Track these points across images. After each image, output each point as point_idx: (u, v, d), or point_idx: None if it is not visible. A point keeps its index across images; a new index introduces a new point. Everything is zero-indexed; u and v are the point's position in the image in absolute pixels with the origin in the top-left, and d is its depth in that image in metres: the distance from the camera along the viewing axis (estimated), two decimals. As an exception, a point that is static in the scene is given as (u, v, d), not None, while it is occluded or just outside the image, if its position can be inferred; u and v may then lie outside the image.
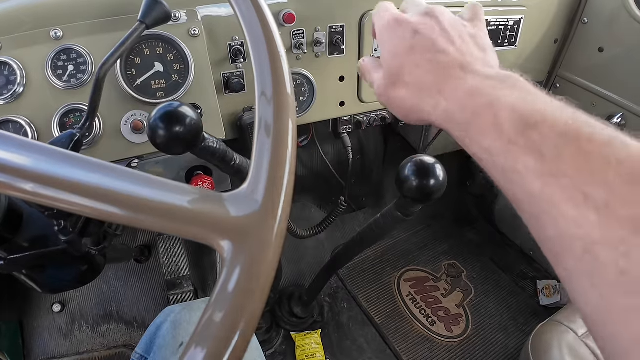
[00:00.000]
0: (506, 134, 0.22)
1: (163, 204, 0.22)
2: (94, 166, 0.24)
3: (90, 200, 0.22)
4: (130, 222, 0.21)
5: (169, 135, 0.40)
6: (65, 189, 0.21)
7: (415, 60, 0.29)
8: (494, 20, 0.86)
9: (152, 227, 0.21)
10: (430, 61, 0.29)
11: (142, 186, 0.22)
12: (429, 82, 0.28)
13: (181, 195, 0.22)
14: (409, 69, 0.30)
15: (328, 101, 0.77)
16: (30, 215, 0.47)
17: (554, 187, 0.20)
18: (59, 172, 0.22)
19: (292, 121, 0.27)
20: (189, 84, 0.59)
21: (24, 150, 0.23)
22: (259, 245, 0.22)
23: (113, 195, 0.21)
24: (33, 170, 0.21)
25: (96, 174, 0.23)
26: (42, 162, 0.21)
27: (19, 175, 0.22)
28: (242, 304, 0.21)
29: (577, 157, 0.20)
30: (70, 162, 0.23)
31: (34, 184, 0.21)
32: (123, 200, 0.22)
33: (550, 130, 0.21)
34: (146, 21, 0.44)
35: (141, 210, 0.21)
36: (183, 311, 0.59)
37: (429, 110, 0.28)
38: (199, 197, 0.22)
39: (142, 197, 0.21)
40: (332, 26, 0.70)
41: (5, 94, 0.53)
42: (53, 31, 0.54)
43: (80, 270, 0.56)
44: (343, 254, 0.85)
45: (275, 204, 0.23)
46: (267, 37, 0.30)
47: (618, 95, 0.94)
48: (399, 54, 0.30)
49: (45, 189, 0.20)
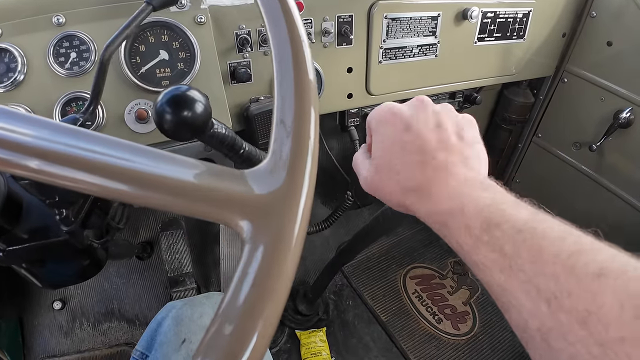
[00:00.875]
0: (474, 232, 0.25)
1: (180, 181, 0.20)
2: (107, 142, 0.22)
3: (102, 178, 0.20)
4: (142, 200, 0.20)
5: (177, 120, 0.38)
6: (77, 167, 0.20)
7: (405, 159, 0.30)
8: (502, 13, 0.85)
9: (168, 206, 0.20)
10: (420, 163, 0.30)
11: (159, 162, 0.20)
12: (415, 182, 0.30)
13: (197, 171, 0.21)
14: (398, 167, 0.31)
15: (336, 93, 0.75)
16: (30, 205, 0.45)
17: (514, 280, 0.22)
18: (74, 149, 0.20)
19: (314, 97, 0.25)
20: (195, 73, 0.58)
21: (29, 125, 0.21)
22: (283, 225, 0.20)
23: (126, 172, 0.20)
24: (50, 148, 0.19)
25: (109, 149, 0.21)
26: (62, 138, 0.19)
27: (24, 151, 0.20)
28: (265, 290, 0.19)
29: (532, 252, 0.22)
30: (82, 137, 0.22)
31: (45, 162, 0.19)
32: (135, 177, 0.20)
33: (510, 228, 0.24)
34: (153, 2, 0.43)
35: (157, 189, 0.19)
36: (184, 307, 0.57)
37: (415, 208, 0.30)
38: (217, 173, 0.21)
39: (156, 174, 0.20)
40: (341, 16, 0.69)
41: (5, 82, 0.52)
42: (55, 17, 0.52)
43: (81, 265, 0.54)
44: (349, 249, 0.84)
45: (299, 181, 0.22)
46: (288, 20, 0.28)
47: (627, 89, 0.93)
48: (390, 149, 0.31)
49: (64, 169, 0.19)
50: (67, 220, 0.41)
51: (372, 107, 0.84)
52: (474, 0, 0.79)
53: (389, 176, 0.31)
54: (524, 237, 0.23)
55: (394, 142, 0.31)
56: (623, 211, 0.98)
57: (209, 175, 0.21)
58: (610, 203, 1.01)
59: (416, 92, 0.85)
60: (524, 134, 1.19)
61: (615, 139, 0.96)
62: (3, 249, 0.43)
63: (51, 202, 0.40)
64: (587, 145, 0.99)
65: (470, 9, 0.78)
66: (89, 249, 0.52)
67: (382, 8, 0.71)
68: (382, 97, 0.81)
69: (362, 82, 0.77)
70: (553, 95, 1.08)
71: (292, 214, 0.21)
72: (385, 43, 0.75)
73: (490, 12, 0.83)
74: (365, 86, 0.77)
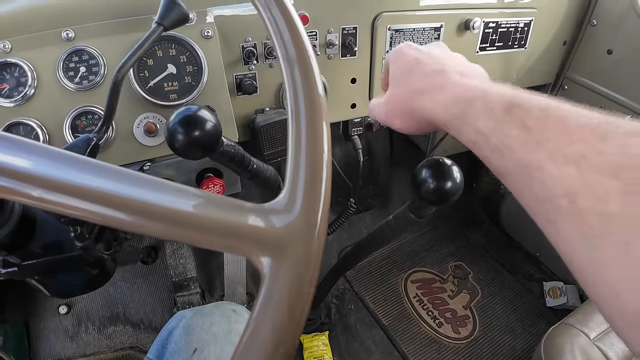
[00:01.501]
0: (495, 114, 0.26)
1: (202, 217, 0.21)
2: (124, 176, 0.23)
3: (126, 214, 0.21)
4: (171, 236, 0.21)
5: (188, 140, 0.39)
6: (101, 203, 0.21)
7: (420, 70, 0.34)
8: (504, 22, 0.86)
9: (194, 241, 0.21)
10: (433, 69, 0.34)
11: (180, 198, 0.21)
12: (429, 83, 0.33)
13: (219, 207, 0.22)
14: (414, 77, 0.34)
15: (340, 103, 0.76)
16: (43, 221, 0.46)
17: (539, 153, 0.22)
18: (91, 183, 0.21)
19: (326, 124, 0.26)
20: (202, 86, 0.58)
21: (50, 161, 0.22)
22: (299, 262, 0.21)
23: (151, 208, 0.21)
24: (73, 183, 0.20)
25: (128, 184, 0.22)
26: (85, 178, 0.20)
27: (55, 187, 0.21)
28: (284, 324, 0.20)
29: (558, 125, 0.22)
30: (97, 172, 0.22)
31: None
32: (161, 213, 0.21)
33: (532, 107, 0.24)
34: (164, 23, 0.44)
35: (181, 225, 0.20)
36: (195, 316, 0.58)
37: (429, 107, 0.32)
38: (238, 208, 0.22)
39: (180, 210, 0.21)
40: (345, 28, 0.70)
41: (15, 96, 0.53)
42: (64, 32, 0.53)
43: (90, 275, 0.55)
44: (352, 255, 0.85)
45: (314, 216, 0.23)
46: (296, 40, 0.29)
47: (626, 97, 0.94)
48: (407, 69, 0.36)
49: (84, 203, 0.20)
50: (81, 237, 0.42)
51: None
52: (476, 11, 0.80)
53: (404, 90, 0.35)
54: (547, 113, 0.23)
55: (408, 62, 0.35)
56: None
57: (230, 210, 0.22)
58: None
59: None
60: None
61: (615, 147, 0.97)
62: (18, 264, 0.44)
63: (66, 220, 0.41)
64: (586, 152, 1.00)
65: (472, 20, 0.79)
66: (99, 261, 0.53)
67: (386, 20, 0.72)
68: (385, 107, 0.82)
69: (365, 93, 0.78)
70: (553, 102, 1.09)
71: (308, 247, 0.22)
72: (389, 54, 0.75)
73: (492, 22, 0.84)
74: (368, 96, 0.78)
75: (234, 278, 0.98)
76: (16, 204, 0.41)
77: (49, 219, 0.45)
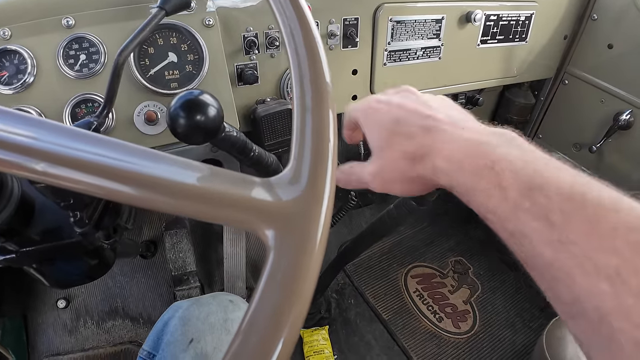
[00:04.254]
0: (511, 196, 0.22)
1: (208, 190, 0.21)
2: (127, 149, 0.23)
3: (129, 186, 0.21)
4: (174, 209, 0.20)
5: (190, 124, 0.39)
6: (108, 176, 0.20)
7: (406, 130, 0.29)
8: (505, 15, 0.86)
9: (200, 215, 0.20)
10: (421, 127, 0.28)
11: (187, 171, 0.21)
12: (421, 147, 0.27)
13: (225, 180, 0.21)
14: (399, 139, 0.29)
15: (340, 95, 0.76)
16: (42, 207, 0.46)
17: (564, 254, 0.20)
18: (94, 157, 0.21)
19: (332, 102, 0.26)
20: (203, 75, 0.58)
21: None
22: (306, 234, 0.21)
23: (154, 180, 0.20)
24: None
25: (131, 157, 0.22)
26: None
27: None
28: (291, 295, 0.20)
29: (585, 224, 0.19)
30: (101, 145, 0.22)
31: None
32: (164, 185, 0.21)
33: (555, 194, 0.21)
34: (166, 7, 0.43)
35: (187, 197, 0.20)
36: (192, 307, 0.58)
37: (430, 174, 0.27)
38: (243, 181, 0.22)
39: (188, 183, 0.20)
40: (346, 18, 0.69)
41: (15, 84, 0.52)
42: (65, 19, 0.53)
43: (89, 265, 0.54)
44: (352, 247, 0.85)
45: (320, 189, 0.22)
46: (303, 25, 0.29)
47: (627, 92, 0.94)
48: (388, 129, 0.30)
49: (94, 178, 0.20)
50: (81, 223, 0.42)
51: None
52: (477, 4, 0.80)
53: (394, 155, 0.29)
54: (573, 205, 0.20)
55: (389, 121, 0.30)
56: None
57: (235, 183, 0.22)
58: (609, 204, 1.02)
59: (420, 94, 0.86)
60: (525, 135, 1.19)
61: (615, 141, 0.97)
62: (16, 251, 0.43)
63: (66, 205, 0.40)
64: (587, 147, 1.00)
65: (473, 12, 0.78)
66: (98, 250, 0.52)
67: (388, 11, 0.72)
68: (386, 99, 0.82)
69: (366, 84, 0.78)
70: (554, 96, 1.09)
71: (314, 220, 0.22)
72: (390, 45, 0.75)
73: (494, 15, 0.84)
74: (369, 88, 0.78)
75: (234, 272, 0.98)
76: (15, 188, 0.41)
77: (47, 204, 0.44)
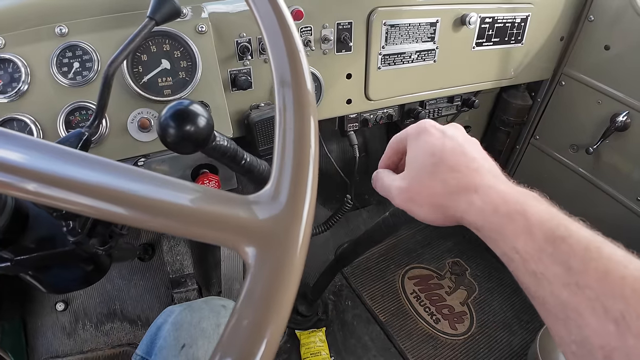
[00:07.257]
0: (537, 240, 0.25)
1: (187, 208, 0.21)
2: (111, 168, 0.23)
3: (113, 205, 0.21)
4: (155, 226, 0.21)
5: (180, 134, 0.39)
6: (92, 195, 0.20)
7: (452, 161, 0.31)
8: (501, 18, 0.86)
9: (178, 232, 0.21)
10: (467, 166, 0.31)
11: (166, 189, 0.21)
12: (464, 182, 0.30)
13: (204, 198, 0.22)
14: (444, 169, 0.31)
15: (335, 99, 0.76)
16: (36, 216, 0.46)
17: (579, 296, 0.23)
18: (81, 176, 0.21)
19: (314, 118, 0.26)
20: (197, 82, 0.58)
21: (40, 153, 0.22)
22: (284, 252, 0.21)
23: (136, 199, 0.21)
24: (61, 175, 0.20)
25: (114, 176, 0.22)
26: (70, 167, 0.20)
27: (47, 181, 0.21)
28: (268, 313, 0.20)
29: (599, 272, 0.22)
30: (86, 164, 0.22)
31: (71, 193, 0.20)
32: (146, 204, 0.21)
33: (577, 245, 0.24)
34: (156, 17, 0.44)
35: (165, 215, 0.20)
36: (184, 312, 0.58)
37: (463, 209, 0.30)
38: (223, 199, 0.22)
39: (165, 200, 0.21)
40: (340, 23, 0.69)
41: (9, 92, 0.52)
42: (58, 27, 0.53)
43: (85, 271, 0.55)
44: (349, 252, 0.85)
45: (300, 207, 0.23)
46: (285, 33, 0.29)
47: (624, 93, 0.93)
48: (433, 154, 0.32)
49: (75, 195, 0.20)
50: (73, 232, 0.42)
51: (371, 112, 0.85)
52: (472, 6, 0.80)
53: (433, 181, 0.31)
54: (591, 255, 0.23)
55: (435, 146, 0.32)
56: (620, 214, 1.00)
57: (216, 202, 0.22)
58: (606, 205, 1.02)
59: (415, 97, 0.86)
60: (522, 136, 1.20)
61: (612, 142, 0.97)
62: (11, 259, 0.44)
63: (58, 215, 0.41)
64: (584, 148, 1.00)
65: (468, 15, 0.78)
66: (93, 256, 0.53)
67: (381, 15, 0.72)
68: (381, 102, 0.82)
69: (361, 88, 0.78)
70: (551, 98, 1.09)
71: (293, 239, 0.22)
72: (384, 49, 0.75)
73: (489, 18, 0.84)
74: (364, 92, 0.78)
75: (231, 274, 0.98)
76: (9, 199, 0.41)
77: (41, 214, 0.45)
